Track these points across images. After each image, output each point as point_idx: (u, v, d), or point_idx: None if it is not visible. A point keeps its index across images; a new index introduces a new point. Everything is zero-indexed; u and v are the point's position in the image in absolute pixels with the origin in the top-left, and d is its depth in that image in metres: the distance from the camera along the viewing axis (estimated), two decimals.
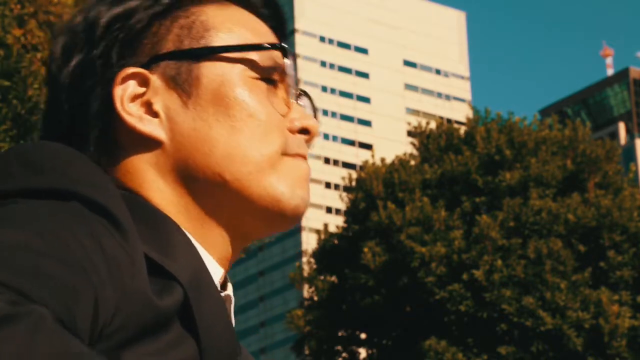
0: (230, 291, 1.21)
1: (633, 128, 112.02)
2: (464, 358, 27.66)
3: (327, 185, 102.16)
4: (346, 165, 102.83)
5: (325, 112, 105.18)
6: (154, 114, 1.19)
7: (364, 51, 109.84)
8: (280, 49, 1.22)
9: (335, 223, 47.84)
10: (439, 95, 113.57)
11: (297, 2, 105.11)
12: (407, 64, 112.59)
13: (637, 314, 28.32)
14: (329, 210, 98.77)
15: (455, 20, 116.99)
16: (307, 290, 32.76)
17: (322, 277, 31.59)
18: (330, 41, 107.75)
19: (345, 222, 32.13)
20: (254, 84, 1.20)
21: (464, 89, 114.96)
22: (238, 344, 1.14)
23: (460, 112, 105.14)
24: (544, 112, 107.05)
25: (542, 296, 27.65)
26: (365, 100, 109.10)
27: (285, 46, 1.23)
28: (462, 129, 32.38)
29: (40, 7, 13.90)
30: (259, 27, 1.25)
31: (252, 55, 1.20)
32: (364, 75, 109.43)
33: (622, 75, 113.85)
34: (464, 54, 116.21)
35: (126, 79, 1.18)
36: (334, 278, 31.45)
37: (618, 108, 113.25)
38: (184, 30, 1.20)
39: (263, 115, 1.19)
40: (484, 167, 29.91)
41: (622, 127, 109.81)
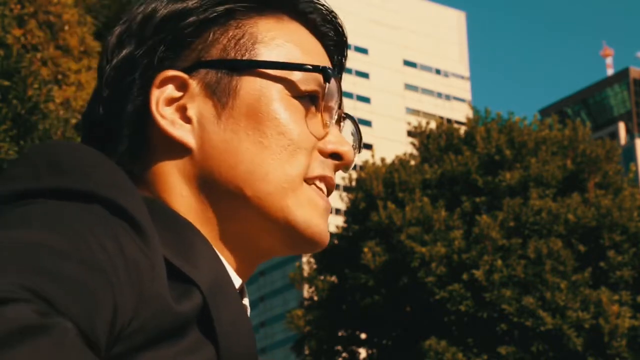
0: (246, 301, 1.21)
1: (633, 128, 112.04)
2: (464, 358, 27.66)
3: None
4: None
5: None
6: (187, 120, 1.19)
7: (364, 51, 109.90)
8: (322, 72, 1.20)
9: (335, 223, 47.82)
10: (439, 95, 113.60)
11: None
12: (407, 64, 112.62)
13: (637, 314, 28.32)
14: None
15: (455, 20, 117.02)
16: (307, 290, 32.77)
17: (322, 277, 31.60)
18: None
19: (345, 222, 32.13)
20: (292, 102, 1.19)
21: (464, 89, 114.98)
22: (256, 349, 1.12)
23: (460, 112, 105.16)
24: (544, 112, 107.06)
25: (542, 296, 27.65)
26: (365, 100, 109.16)
27: (328, 69, 1.21)
28: (462, 129, 32.38)
29: (40, 7, 13.92)
30: (311, 45, 1.24)
31: (295, 75, 1.20)
32: (364, 75, 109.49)
33: (622, 75, 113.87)
34: (464, 54, 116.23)
35: (165, 82, 1.19)
36: (334, 278, 31.45)
37: (618, 108, 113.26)
38: (232, 41, 1.20)
39: (294, 134, 1.18)
40: (484, 167, 29.91)
41: (622, 127, 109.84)
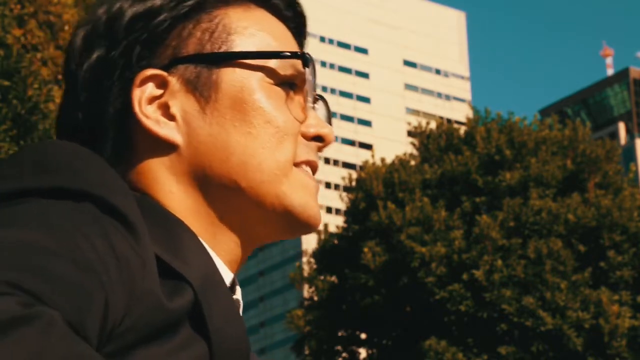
0: (239, 295, 1.21)
1: (633, 128, 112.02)
2: (464, 358, 27.66)
3: (327, 185, 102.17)
4: (346, 165, 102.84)
5: None
6: (171, 117, 1.19)
7: (364, 51, 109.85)
8: (300, 57, 1.22)
9: (335, 223, 47.83)
10: (439, 95, 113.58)
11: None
12: (407, 64, 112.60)
13: (637, 314, 28.32)
14: (329, 210, 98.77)
15: (455, 20, 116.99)
16: (307, 290, 32.76)
17: (322, 277, 31.59)
18: (330, 41, 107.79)
19: (345, 222, 32.12)
20: (273, 90, 1.20)
21: (464, 89, 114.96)
22: (249, 345, 1.13)
23: (460, 112, 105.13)
24: (544, 112, 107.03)
25: (542, 296, 27.65)
26: (365, 100, 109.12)
27: (306, 55, 1.22)
28: (462, 129, 32.37)
29: (40, 7, 13.92)
30: (280, 31, 1.25)
31: (273, 62, 1.20)
32: (364, 75, 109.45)
33: (622, 75, 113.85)
34: (464, 54, 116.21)
35: (145, 81, 1.18)
36: (334, 278, 31.44)
37: (618, 108, 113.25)
38: (206, 34, 1.20)
39: (280, 121, 1.19)
40: (484, 167, 29.91)
41: (622, 127, 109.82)
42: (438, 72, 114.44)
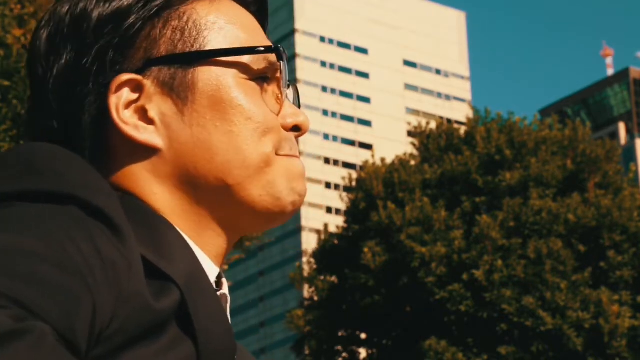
0: (225, 289, 1.21)
1: (633, 128, 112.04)
2: (464, 358, 27.66)
3: (327, 185, 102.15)
4: (346, 165, 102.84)
5: (325, 112, 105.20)
6: (149, 121, 1.17)
7: (364, 51, 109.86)
8: (274, 51, 1.21)
9: (335, 223, 47.85)
10: (439, 95, 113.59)
11: (297, 2, 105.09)
12: (407, 64, 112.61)
13: (637, 314, 28.32)
14: (329, 210, 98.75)
15: (455, 20, 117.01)
16: (307, 290, 32.77)
17: (322, 277, 31.60)
18: (330, 41, 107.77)
19: (345, 222, 32.13)
20: (249, 85, 1.19)
21: (464, 89, 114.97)
22: (235, 343, 1.13)
23: (460, 112, 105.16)
24: (544, 112, 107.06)
25: (542, 296, 27.65)
26: (365, 100, 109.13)
27: (279, 48, 1.22)
28: (462, 129, 32.38)
29: (40, 7, 13.89)
30: (247, 20, 1.24)
31: (246, 58, 1.20)
32: (364, 75, 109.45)
33: (622, 75, 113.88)
34: (464, 54, 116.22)
35: (120, 87, 1.16)
36: (334, 278, 31.45)
37: (618, 108, 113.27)
38: (177, 33, 1.18)
39: (260, 117, 1.18)
40: (484, 167, 29.91)
41: (622, 127, 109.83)
42: (438, 72, 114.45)
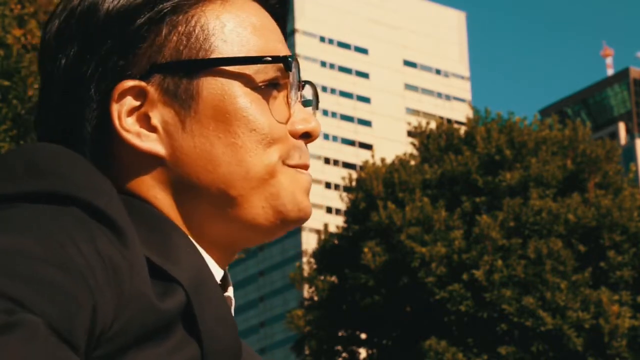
0: (230, 292, 1.20)
1: (633, 128, 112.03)
2: (464, 358, 27.66)
3: (327, 185, 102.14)
4: (346, 165, 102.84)
5: (325, 112, 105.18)
6: (152, 129, 1.14)
7: (364, 51, 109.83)
8: (282, 61, 1.17)
9: (335, 223, 47.84)
10: (439, 95, 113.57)
11: (297, 2, 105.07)
12: (407, 64, 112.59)
13: (637, 314, 28.32)
14: (329, 210, 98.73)
15: (455, 20, 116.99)
16: (307, 290, 32.76)
17: (322, 277, 31.60)
18: (330, 41, 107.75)
19: (345, 222, 32.13)
20: (255, 95, 1.16)
21: (464, 89, 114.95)
22: (241, 344, 1.12)
23: (460, 112, 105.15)
24: (544, 112, 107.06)
25: (542, 296, 27.65)
26: (365, 100, 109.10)
27: (288, 59, 1.17)
28: (462, 129, 32.38)
29: (40, 7, 13.89)
30: (262, 22, 1.20)
31: (254, 66, 1.16)
32: (364, 75, 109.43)
33: (622, 75, 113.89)
34: (464, 54, 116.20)
35: (124, 94, 1.14)
36: (334, 278, 31.45)
37: (618, 108, 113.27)
38: (183, 38, 1.15)
39: (266, 128, 1.15)
40: (484, 167, 29.91)
41: (622, 127, 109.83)
42: (438, 72, 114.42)
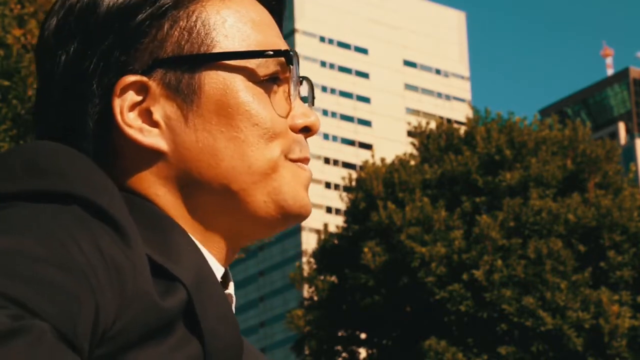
0: (231, 290, 1.20)
1: (633, 128, 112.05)
2: (464, 358, 27.66)
3: (327, 185, 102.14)
4: (346, 165, 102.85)
5: (325, 112, 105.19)
6: (154, 124, 1.15)
7: (364, 51, 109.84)
8: (284, 55, 1.18)
9: (335, 223, 47.84)
10: (439, 95, 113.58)
11: (297, 2, 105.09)
12: (407, 64, 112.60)
13: (637, 314, 28.32)
14: (329, 210, 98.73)
15: (455, 20, 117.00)
16: (307, 290, 32.76)
17: (322, 277, 31.60)
18: (330, 41, 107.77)
19: (345, 222, 32.13)
20: (256, 89, 1.16)
21: (464, 89, 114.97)
22: (242, 342, 1.12)
23: (460, 112, 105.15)
24: (544, 112, 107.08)
25: (542, 296, 27.65)
26: (365, 100, 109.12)
27: (289, 52, 1.18)
28: (462, 129, 32.39)
29: (40, 7, 13.89)
30: (260, 17, 1.20)
31: (255, 60, 1.16)
32: (364, 75, 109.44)
33: (622, 75, 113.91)
34: (464, 54, 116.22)
35: (126, 89, 1.14)
36: (334, 278, 31.45)
37: (618, 108, 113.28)
38: (184, 33, 1.15)
39: (268, 122, 1.16)
40: (484, 167, 29.91)
41: (622, 127, 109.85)
42: (438, 72, 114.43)
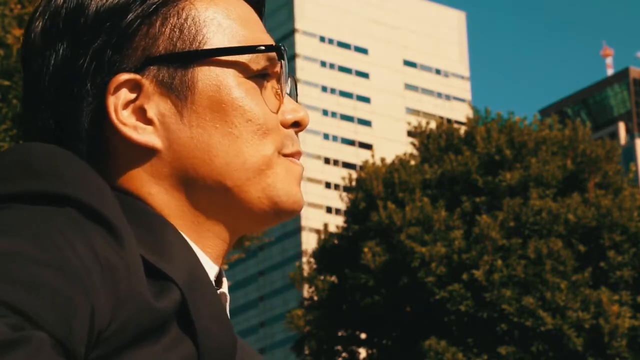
0: (225, 288, 1.20)
1: (633, 128, 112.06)
2: (464, 358, 27.66)
3: (327, 185, 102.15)
4: (346, 165, 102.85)
5: (325, 112, 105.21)
6: (148, 121, 1.15)
7: (364, 51, 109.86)
8: (275, 50, 1.19)
9: (335, 223, 47.82)
10: (439, 95, 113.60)
11: (297, 2, 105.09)
12: (407, 64, 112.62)
13: (637, 314, 28.32)
14: (329, 210, 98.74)
15: (455, 20, 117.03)
16: (307, 290, 32.77)
17: (322, 277, 31.60)
18: (330, 41, 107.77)
19: (345, 222, 32.13)
20: (249, 84, 1.17)
21: (464, 89, 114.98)
22: (236, 341, 1.12)
23: (460, 112, 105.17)
24: (544, 112, 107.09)
25: (542, 296, 27.65)
26: (365, 100, 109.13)
27: (280, 47, 1.19)
28: (462, 129, 32.39)
29: None
30: (247, 15, 1.22)
31: (246, 56, 1.18)
32: (364, 75, 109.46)
33: (622, 75, 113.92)
34: (464, 54, 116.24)
35: (119, 87, 1.14)
36: (334, 278, 31.46)
37: (618, 108, 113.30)
38: (175, 30, 1.16)
39: (261, 118, 1.17)
40: (484, 167, 29.91)
41: (622, 127, 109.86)
42: (438, 72, 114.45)
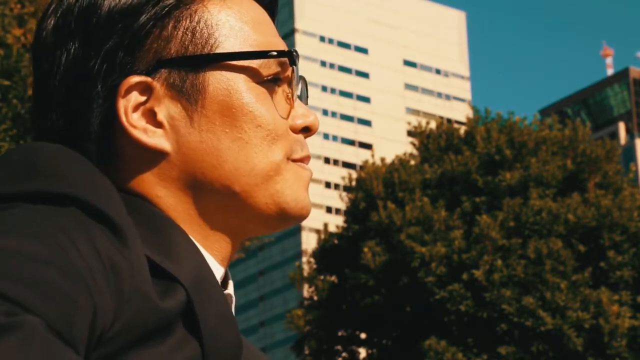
0: (231, 290, 1.20)
1: (633, 128, 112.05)
2: (464, 358, 27.66)
3: (327, 185, 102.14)
4: (346, 165, 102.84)
5: (325, 112, 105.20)
6: (158, 124, 1.15)
7: (364, 51, 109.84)
8: (287, 55, 1.19)
9: (335, 223, 47.82)
10: (439, 95, 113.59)
11: (297, 2, 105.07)
12: (407, 64, 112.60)
13: (637, 314, 28.32)
14: (329, 210, 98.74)
15: (455, 20, 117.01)
16: (307, 290, 32.77)
17: (322, 277, 31.60)
18: (330, 41, 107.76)
19: (345, 222, 32.13)
20: (259, 89, 1.17)
21: (464, 89, 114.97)
22: (242, 341, 1.12)
23: (460, 112, 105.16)
24: (544, 112, 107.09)
25: (542, 296, 27.65)
26: (365, 100, 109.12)
27: (292, 52, 1.19)
28: (462, 129, 32.39)
29: (40, 7, 13.88)
30: (259, 17, 1.22)
31: (258, 61, 1.17)
32: (364, 75, 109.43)
33: (622, 75, 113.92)
34: (464, 54, 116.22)
35: (130, 89, 1.14)
36: (334, 278, 31.45)
37: (618, 108, 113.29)
38: (188, 33, 1.16)
39: (271, 123, 1.16)
40: (484, 167, 29.91)
41: (622, 127, 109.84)
42: (438, 72, 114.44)
